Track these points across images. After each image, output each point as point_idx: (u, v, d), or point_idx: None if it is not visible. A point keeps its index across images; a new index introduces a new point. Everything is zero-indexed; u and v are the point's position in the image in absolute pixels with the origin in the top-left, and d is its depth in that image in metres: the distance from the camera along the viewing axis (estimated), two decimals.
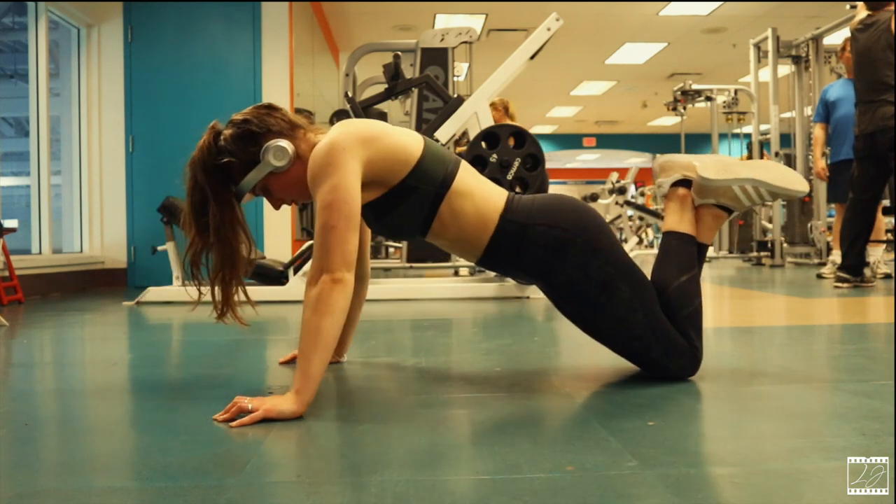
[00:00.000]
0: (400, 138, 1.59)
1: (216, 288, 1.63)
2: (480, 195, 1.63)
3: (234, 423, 1.32)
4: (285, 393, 1.41)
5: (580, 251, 1.60)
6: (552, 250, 1.61)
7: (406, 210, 1.60)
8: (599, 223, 1.65)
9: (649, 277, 1.73)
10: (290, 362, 1.98)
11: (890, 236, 8.10)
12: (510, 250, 1.63)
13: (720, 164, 1.75)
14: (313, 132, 1.65)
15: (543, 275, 1.65)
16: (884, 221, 4.33)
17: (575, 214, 1.63)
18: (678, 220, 1.78)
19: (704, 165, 1.75)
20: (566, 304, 1.69)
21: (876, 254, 4.43)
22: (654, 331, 1.63)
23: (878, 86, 4.16)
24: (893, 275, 4.99)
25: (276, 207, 1.71)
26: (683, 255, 1.74)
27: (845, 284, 4.34)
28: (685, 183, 1.80)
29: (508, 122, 4.83)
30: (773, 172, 1.72)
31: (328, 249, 1.42)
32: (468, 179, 1.63)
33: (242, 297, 1.66)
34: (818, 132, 5.28)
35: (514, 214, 1.62)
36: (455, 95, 4.04)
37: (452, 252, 1.73)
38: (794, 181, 1.72)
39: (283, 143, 1.58)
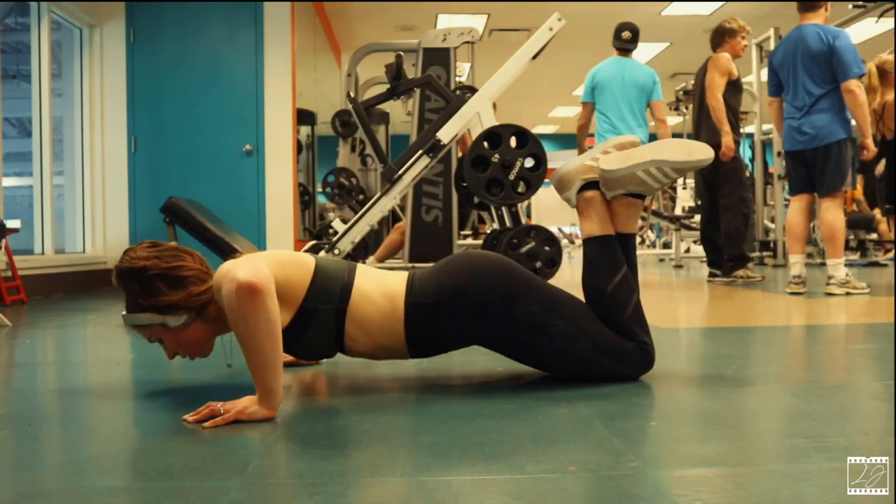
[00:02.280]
0: (292, 257, 1.58)
1: None
2: (380, 293, 1.59)
3: (206, 424, 1.32)
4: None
5: (500, 306, 1.58)
6: (473, 316, 1.59)
7: (314, 333, 1.56)
8: (507, 269, 1.63)
9: (582, 289, 1.72)
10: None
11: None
12: (432, 332, 1.61)
13: (620, 154, 1.71)
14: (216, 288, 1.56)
15: (475, 339, 1.65)
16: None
17: (481, 270, 1.61)
18: (592, 225, 1.75)
19: (605, 159, 1.72)
20: (509, 354, 1.69)
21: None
22: (599, 349, 1.64)
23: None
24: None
25: (170, 357, 1.62)
26: (608, 257, 1.72)
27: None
28: (590, 185, 1.77)
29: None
30: (673, 149, 1.68)
31: (235, 271, 1.36)
32: (365, 284, 1.59)
33: None
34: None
35: (421, 296, 1.59)
36: (457, 92, 4.04)
37: (379, 358, 1.69)
38: (695, 151, 1.67)
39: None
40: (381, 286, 1.60)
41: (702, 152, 1.67)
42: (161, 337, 1.57)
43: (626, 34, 5.23)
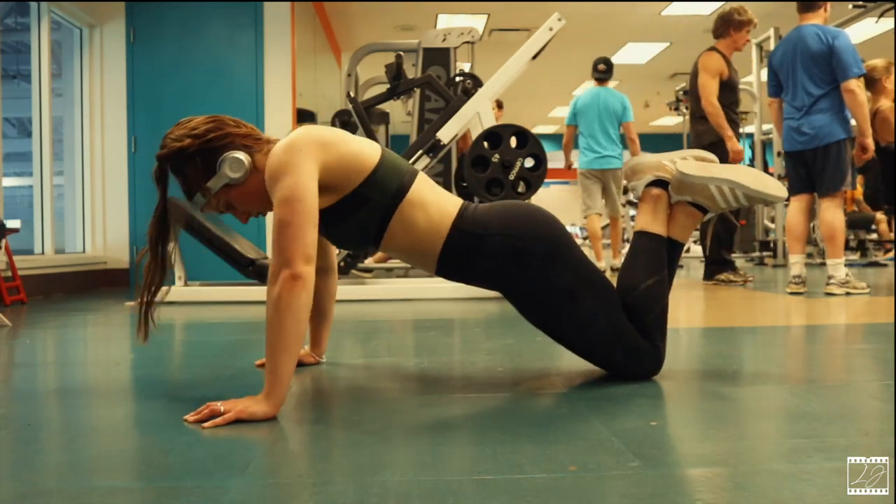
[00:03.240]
0: (357, 146, 1.58)
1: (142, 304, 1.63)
2: (434, 206, 1.62)
3: (206, 424, 1.32)
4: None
5: (539, 261, 1.60)
6: (511, 260, 1.60)
7: (357, 220, 1.59)
8: (558, 231, 1.65)
9: (618, 276, 1.74)
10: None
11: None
12: (466, 261, 1.62)
13: (700, 163, 1.75)
14: (267, 142, 1.64)
15: (503, 284, 1.66)
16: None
17: (533, 223, 1.63)
18: (650, 220, 1.77)
19: (685, 162, 1.75)
20: (528, 312, 1.70)
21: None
22: (617, 336, 1.64)
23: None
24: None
25: (244, 221, 1.69)
26: (653, 256, 1.73)
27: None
28: (658, 183, 1.79)
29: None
30: (752, 177, 1.71)
31: (285, 245, 1.41)
32: (423, 191, 1.62)
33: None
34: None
35: (469, 224, 1.61)
36: (458, 89, 4.04)
37: (408, 262, 1.72)
38: (771, 186, 1.71)
39: (239, 154, 1.56)
40: (436, 199, 1.63)
41: (776, 190, 1.71)
42: (229, 202, 1.61)
43: (601, 66, 6.17)
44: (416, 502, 0.95)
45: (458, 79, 4.11)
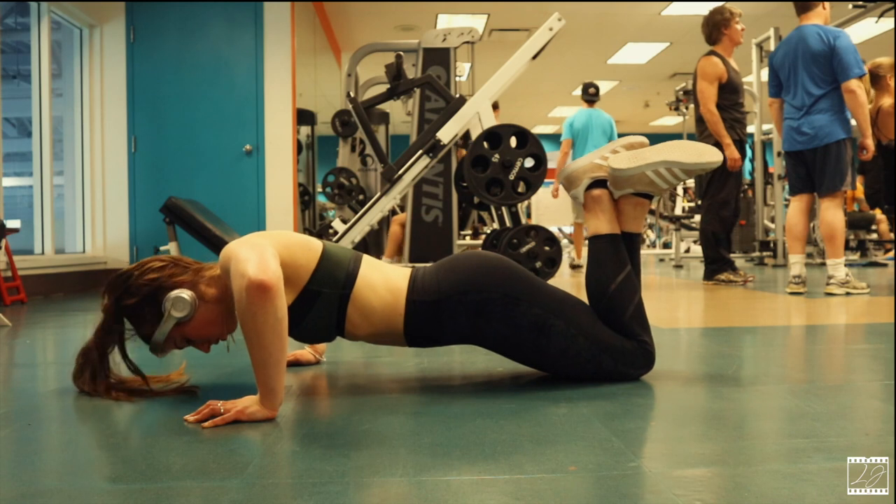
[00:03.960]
0: (299, 240, 1.59)
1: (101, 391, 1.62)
2: (384, 286, 1.61)
3: (206, 424, 1.32)
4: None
5: (500, 306, 1.59)
6: (473, 315, 1.60)
7: (316, 316, 1.58)
8: (509, 271, 1.64)
9: (585, 286, 1.73)
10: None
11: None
12: (431, 328, 1.62)
13: (630, 153, 1.72)
14: (209, 269, 1.62)
15: (475, 338, 1.65)
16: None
17: (483, 271, 1.62)
18: (599, 223, 1.76)
19: (615, 157, 1.73)
20: (508, 355, 1.70)
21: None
22: (600, 348, 1.64)
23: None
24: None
25: (206, 350, 1.65)
26: (613, 255, 1.73)
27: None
28: (597, 184, 1.78)
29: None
30: (684, 150, 1.69)
31: (245, 264, 1.36)
32: (370, 274, 1.61)
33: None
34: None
35: (422, 294, 1.60)
36: (457, 96, 4.04)
37: (378, 343, 1.70)
38: (705, 154, 1.68)
39: (182, 292, 1.53)
40: (384, 278, 1.62)
41: (711, 155, 1.68)
42: (186, 337, 1.59)
43: (591, 90, 7.08)
44: (416, 502, 0.95)
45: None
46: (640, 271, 1.77)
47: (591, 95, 7.05)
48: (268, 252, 1.42)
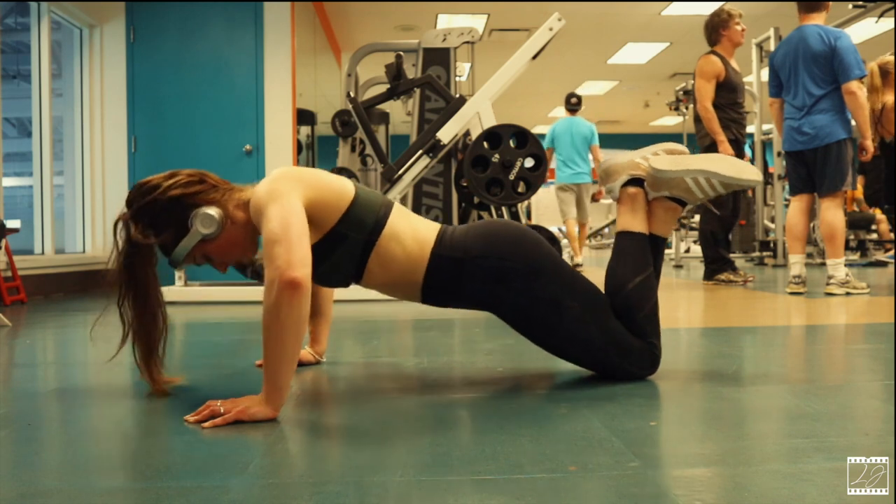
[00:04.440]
0: (332, 182, 1.58)
1: (147, 363, 1.61)
2: (411, 236, 1.61)
3: (206, 424, 1.32)
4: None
5: (521, 277, 1.59)
6: (493, 281, 1.60)
7: (338, 259, 1.58)
8: (536, 244, 1.64)
9: (605, 279, 1.73)
10: None
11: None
12: (450, 286, 1.62)
13: (672, 157, 1.74)
14: (240, 191, 1.63)
15: (490, 305, 1.65)
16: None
17: (511, 241, 1.62)
18: (630, 219, 1.77)
19: (657, 159, 1.74)
20: (519, 328, 1.70)
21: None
22: (609, 340, 1.64)
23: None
24: None
25: (223, 271, 1.66)
26: (638, 254, 1.73)
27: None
28: (634, 182, 1.79)
29: None
30: (725, 164, 1.70)
31: (278, 254, 1.37)
32: (399, 223, 1.61)
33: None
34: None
35: (448, 250, 1.60)
36: (457, 96, 4.04)
37: (391, 295, 1.71)
38: (745, 171, 1.70)
39: (210, 210, 1.55)
40: (413, 229, 1.62)
41: (751, 174, 1.70)
42: (206, 254, 1.60)
43: (573, 100, 7.49)
44: (416, 502, 0.95)
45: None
46: (660, 275, 1.77)
47: (573, 105, 7.48)
48: (303, 241, 1.40)
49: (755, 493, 0.96)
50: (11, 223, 4.45)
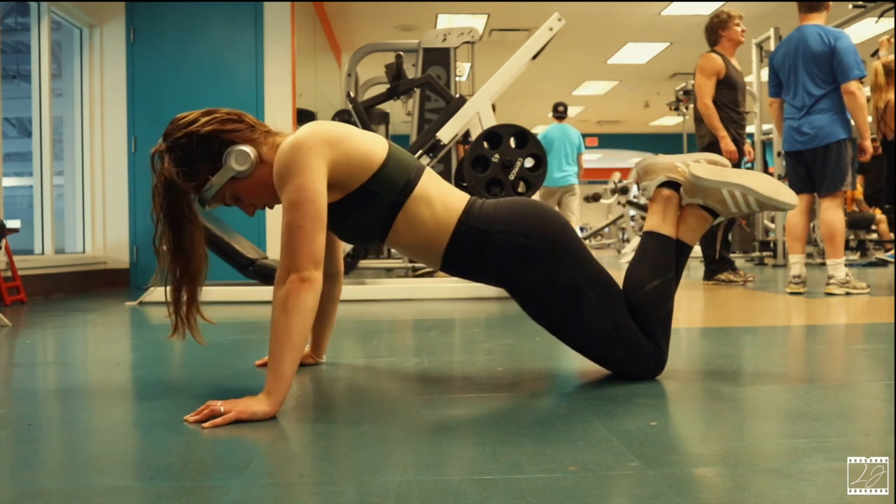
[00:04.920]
0: (364, 142, 1.58)
1: (173, 302, 1.59)
2: (440, 202, 1.62)
3: (206, 424, 1.32)
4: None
5: (545, 258, 1.60)
6: (516, 257, 1.60)
7: (364, 215, 1.59)
8: (563, 228, 1.65)
9: (624, 275, 1.74)
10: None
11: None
12: (472, 256, 1.63)
13: (713, 167, 1.75)
14: (276, 135, 1.64)
15: (508, 281, 1.66)
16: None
17: (538, 220, 1.63)
18: (660, 221, 1.77)
19: (697, 166, 1.75)
20: (533, 309, 1.70)
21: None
22: (620, 335, 1.64)
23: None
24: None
25: (251, 213, 1.70)
26: (661, 257, 1.73)
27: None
28: (669, 185, 1.80)
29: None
30: (764, 183, 1.71)
31: (295, 248, 1.42)
32: (429, 186, 1.62)
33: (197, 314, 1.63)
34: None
35: (476, 221, 1.61)
36: (457, 95, 4.04)
37: (413, 257, 1.72)
38: (783, 193, 1.71)
39: (245, 147, 1.56)
40: (442, 195, 1.63)
41: (788, 197, 1.72)
42: (236, 194, 1.62)
43: (560, 108, 8.01)
44: (416, 502, 0.95)
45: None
46: (678, 282, 1.77)
47: (560, 113, 8.02)
48: (314, 224, 1.43)
49: (755, 493, 0.96)
50: (11, 223, 4.45)
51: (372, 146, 1.59)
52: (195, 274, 1.58)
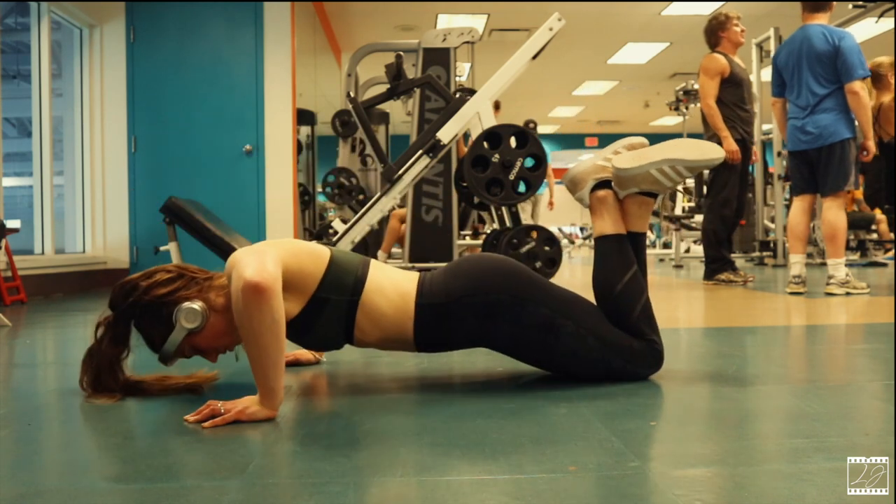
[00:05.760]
0: (306, 247, 1.59)
1: None
2: (393, 289, 1.60)
3: (206, 424, 1.32)
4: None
5: (509, 307, 1.59)
6: (482, 317, 1.60)
7: (325, 324, 1.58)
8: (515, 271, 1.64)
9: (592, 287, 1.73)
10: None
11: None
12: (440, 331, 1.62)
13: (633, 153, 1.73)
14: (218, 278, 1.62)
15: (484, 340, 1.66)
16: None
17: (489, 273, 1.62)
18: (605, 223, 1.76)
19: (618, 158, 1.73)
20: (518, 356, 1.70)
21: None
22: (609, 348, 1.64)
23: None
24: None
25: (214, 360, 1.65)
26: (619, 256, 1.73)
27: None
28: (601, 185, 1.79)
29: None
30: (686, 148, 1.70)
31: (242, 267, 1.38)
32: (379, 278, 1.61)
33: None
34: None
35: (431, 297, 1.60)
36: (457, 95, 4.04)
37: (386, 349, 1.70)
38: (707, 151, 1.69)
39: (193, 304, 1.54)
40: (393, 283, 1.62)
41: (713, 152, 1.70)
42: (195, 347, 1.59)
43: (531, 125, 8.76)
44: (416, 502, 0.95)
45: (457, 94, 4.12)
46: (646, 270, 1.77)
47: (531, 130, 9.05)
48: (267, 256, 1.43)
49: (755, 493, 0.96)
50: (11, 223, 4.45)
51: (315, 249, 1.60)
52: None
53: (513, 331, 1.61)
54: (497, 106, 7.07)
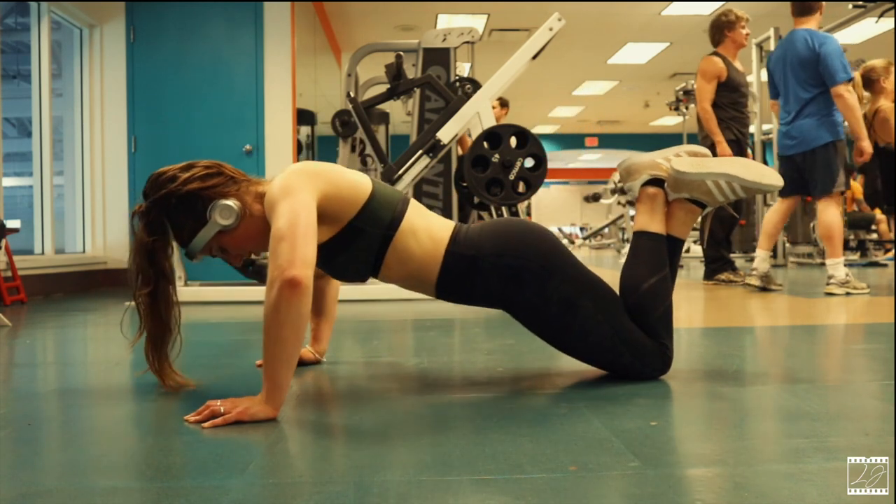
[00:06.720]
0: (350, 176, 1.59)
1: (151, 356, 1.63)
2: (427, 233, 1.61)
3: (206, 424, 1.32)
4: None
5: (535, 276, 1.59)
6: (506, 279, 1.60)
7: (355, 253, 1.59)
8: (551, 243, 1.64)
9: (620, 279, 1.73)
10: None
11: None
12: (463, 284, 1.63)
13: (694, 159, 1.74)
14: (258, 183, 1.64)
15: (503, 303, 1.66)
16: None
17: (524, 239, 1.63)
18: (649, 220, 1.77)
19: (679, 160, 1.74)
20: (531, 326, 1.70)
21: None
22: (622, 340, 1.64)
23: None
24: None
25: (237, 263, 1.67)
26: (654, 254, 1.73)
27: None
28: (654, 182, 1.79)
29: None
30: (747, 168, 1.71)
31: (282, 252, 1.37)
32: (415, 219, 1.62)
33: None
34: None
35: (462, 247, 1.61)
36: (457, 86, 4.04)
37: (407, 289, 1.73)
38: (767, 176, 1.71)
39: (229, 201, 1.56)
40: (428, 226, 1.63)
41: (773, 178, 1.72)
42: (222, 246, 1.61)
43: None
44: (416, 502, 0.95)
45: (457, 84, 4.12)
46: (675, 277, 1.77)
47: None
48: (307, 238, 1.40)
49: (755, 493, 0.96)
50: (11, 223, 4.44)
51: (357, 180, 1.59)
52: (166, 332, 1.62)
53: (533, 300, 1.61)
54: (505, 104, 7.06)
